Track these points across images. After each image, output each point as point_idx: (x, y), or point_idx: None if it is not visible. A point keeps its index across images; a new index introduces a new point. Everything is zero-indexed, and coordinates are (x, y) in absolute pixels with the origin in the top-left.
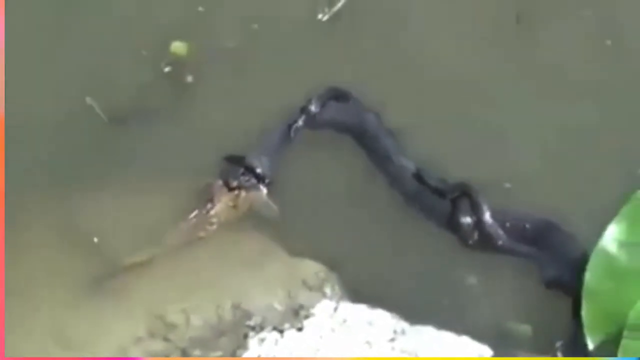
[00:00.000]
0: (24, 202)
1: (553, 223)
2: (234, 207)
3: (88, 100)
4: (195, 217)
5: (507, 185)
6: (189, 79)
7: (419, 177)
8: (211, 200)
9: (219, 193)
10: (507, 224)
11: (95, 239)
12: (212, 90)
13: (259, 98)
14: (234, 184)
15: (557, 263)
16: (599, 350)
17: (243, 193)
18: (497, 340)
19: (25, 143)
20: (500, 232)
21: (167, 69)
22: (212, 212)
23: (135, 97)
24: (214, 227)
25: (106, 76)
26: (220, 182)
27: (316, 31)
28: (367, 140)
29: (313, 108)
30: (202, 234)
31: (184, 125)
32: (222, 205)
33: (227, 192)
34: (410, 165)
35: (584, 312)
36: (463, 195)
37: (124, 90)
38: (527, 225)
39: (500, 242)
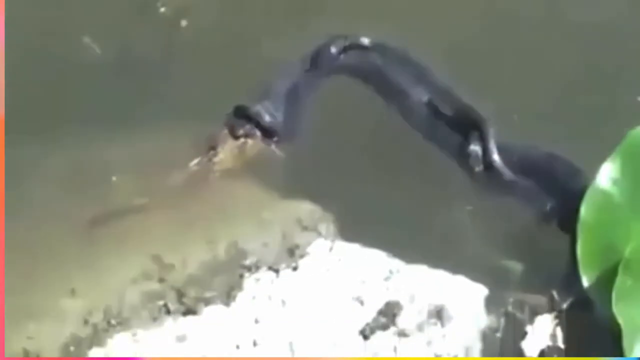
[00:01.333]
0: (24, 149)
1: (559, 157)
2: (240, 154)
3: (85, 39)
4: (197, 164)
5: (515, 116)
6: (183, 23)
7: (432, 106)
8: (214, 148)
9: (224, 141)
10: (514, 158)
11: (114, 178)
12: (206, 33)
13: (253, 45)
14: (240, 132)
15: (559, 198)
16: (594, 287)
17: (250, 141)
18: (493, 279)
19: (23, 85)
20: (506, 168)
21: (162, 9)
22: (216, 160)
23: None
24: (217, 174)
25: (101, 16)
26: (225, 131)
27: None
28: (377, 78)
29: (334, 50)
30: (204, 180)
31: (182, 69)
32: (226, 153)
33: (232, 140)
34: (423, 96)
35: (578, 249)
36: (473, 128)
37: (120, 32)
38: (533, 159)
39: (505, 177)
